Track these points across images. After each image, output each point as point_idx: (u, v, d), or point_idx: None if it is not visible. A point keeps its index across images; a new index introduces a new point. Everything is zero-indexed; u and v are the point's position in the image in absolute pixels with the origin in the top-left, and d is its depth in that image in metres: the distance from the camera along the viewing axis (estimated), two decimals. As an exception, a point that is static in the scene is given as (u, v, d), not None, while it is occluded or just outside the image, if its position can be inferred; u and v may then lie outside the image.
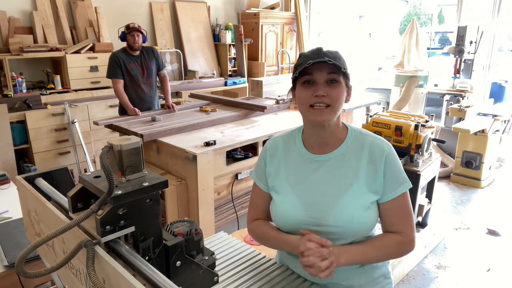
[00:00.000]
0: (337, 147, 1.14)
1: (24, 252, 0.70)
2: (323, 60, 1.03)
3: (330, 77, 1.07)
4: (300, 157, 1.17)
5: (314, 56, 1.06)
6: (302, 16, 6.15)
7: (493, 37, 4.82)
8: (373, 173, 1.10)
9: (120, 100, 3.44)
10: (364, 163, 1.11)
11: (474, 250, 3.00)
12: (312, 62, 1.03)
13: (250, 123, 3.19)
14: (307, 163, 1.16)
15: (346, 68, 1.08)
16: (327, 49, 1.10)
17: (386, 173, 1.09)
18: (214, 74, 5.54)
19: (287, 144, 1.21)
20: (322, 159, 1.14)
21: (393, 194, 1.10)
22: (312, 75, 1.07)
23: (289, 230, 1.16)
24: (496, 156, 4.52)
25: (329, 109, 1.07)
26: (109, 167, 0.71)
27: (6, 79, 3.76)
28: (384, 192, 1.10)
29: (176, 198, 2.50)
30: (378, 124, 2.75)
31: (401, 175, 1.12)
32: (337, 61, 1.05)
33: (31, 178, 1.05)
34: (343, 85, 1.09)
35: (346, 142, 1.14)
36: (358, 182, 1.09)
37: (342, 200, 1.09)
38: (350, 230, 1.08)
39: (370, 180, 1.09)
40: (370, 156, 1.11)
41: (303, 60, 1.08)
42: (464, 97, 4.59)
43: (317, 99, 1.06)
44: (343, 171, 1.12)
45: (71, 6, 4.35)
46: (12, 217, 1.84)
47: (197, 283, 0.86)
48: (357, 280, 1.17)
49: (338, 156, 1.13)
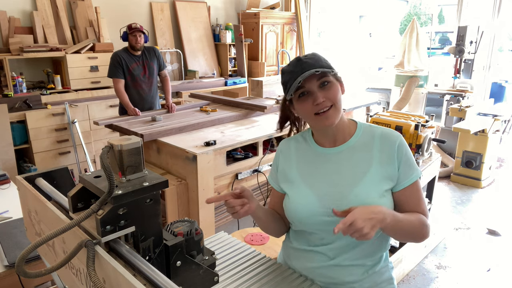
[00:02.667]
0: (347, 140, 1.17)
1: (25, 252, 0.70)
2: (311, 73, 1.06)
3: (321, 81, 1.10)
4: (311, 152, 1.21)
5: (298, 69, 1.09)
6: (302, 16, 6.15)
7: (493, 37, 4.81)
8: (387, 161, 1.11)
9: (120, 100, 3.44)
10: (376, 152, 1.13)
11: (474, 250, 3.00)
12: (301, 80, 1.06)
13: (250, 123, 3.19)
14: (318, 156, 1.19)
15: (331, 66, 1.11)
16: (304, 55, 1.13)
17: (401, 161, 1.11)
18: (214, 74, 5.54)
19: (298, 143, 1.25)
20: (333, 152, 1.17)
21: (409, 181, 1.12)
22: (304, 87, 1.10)
23: (303, 222, 1.17)
24: (496, 156, 4.52)
25: (333, 109, 1.10)
26: (110, 167, 0.71)
27: (6, 79, 3.76)
28: (399, 180, 1.12)
29: (176, 198, 2.50)
30: (378, 124, 2.75)
31: (413, 163, 1.14)
32: (319, 63, 1.09)
33: (31, 178, 1.05)
34: (334, 82, 1.12)
35: (356, 135, 1.17)
36: (371, 171, 1.11)
37: (356, 189, 1.10)
38: None
39: (383, 168, 1.11)
40: (381, 145, 1.13)
41: (289, 76, 1.11)
42: (464, 97, 4.58)
43: (319, 106, 1.09)
44: (354, 161, 1.14)
45: (71, 6, 4.35)
46: (12, 217, 1.84)
47: (197, 283, 0.86)
48: (361, 284, 1.17)
49: (349, 148, 1.16)
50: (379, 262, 1.19)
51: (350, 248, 1.14)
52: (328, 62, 1.12)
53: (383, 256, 1.20)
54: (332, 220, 1.09)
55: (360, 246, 1.14)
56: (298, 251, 1.23)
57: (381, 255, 1.19)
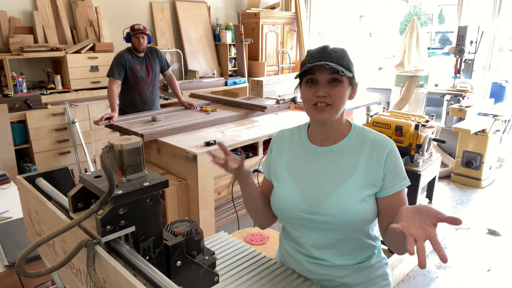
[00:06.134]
0: (339, 142, 1.17)
1: (25, 252, 0.70)
2: (321, 64, 1.05)
3: (332, 76, 1.09)
4: (302, 148, 1.22)
5: (317, 56, 1.09)
6: (302, 16, 6.15)
7: (494, 37, 4.81)
8: (373, 168, 1.11)
9: (109, 99, 3.33)
10: (364, 157, 1.13)
11: (475, 250, 3.00)
12: (310, 65, 1.06)
13: (251, 123, 3.19)
14: (308, 154, 1.20)
15: (350, 68, 1.10)
16: (334, 46, 1.12)
17: (389, 168, 1.11)
18: (214, 74, 5.54)
19: (293, 136, 1.26)
20: (323, 151, 1.18)
21: (393, 190, 1.11)
22: (315, 74, 1.09)
23: (285, 216, 1.19)
24: (497, 156, 4.52)
25: (329, 108, 1.10)
26: (110, 167, 0.71)
27: (6, 79, 3.76)
28: (383, 187, 1.11)
29: (176, 198, 2.50)
30: (379, 124, 2.75)
31: (402, 172, 1.13)
32: (340, 60, 1.08)
33: (32, 178, 1.05)
34: (345, 84, 1.11)
35: (348, 137, 1.17)
36: (356, 175, 1.11)
37: (338, 190, 1.11)
38: (344, 220, 1.10)
39: (369, 174, 1.11)
40: (371, 151, 1.13)
41: (308, 58, 1.11)
42: (465, 97, 4.58)
43: (319, 99, 1.09)
44: (342, 163, 1.14)
45: (71, 6, 4.35)
46: (12, 217, 1.84)
47: (197, 283, 0.86)
48: (353, 278, 1.17)
49: (339, 149, 1.16)
50: (371, 257, 1.20)
51: (333, 246, 1.15)
52: (351, 64, 1.11)
53: (374, 252, 1.21)
54: (313, 218, 1.12)
55: (342, 244, 1.15)
56: (289, 249, 1.25)
57: (371, 251, 1.20)
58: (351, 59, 1.12)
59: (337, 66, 1.05)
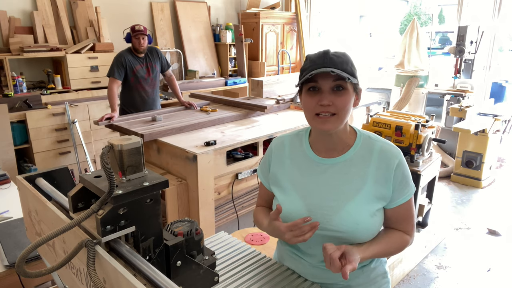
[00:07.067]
0: (345, 152, 1.11)
1: (25, 252, 0.70)
2: (326, 72, 0.98)
3: (336, 83, 1.02)
4: (306, 159, 1.14)
5: (319, 62, 1.01)
6: (302, 16, 6.15)
7: (494, 37, 4.81)
8: (382, 180, 1.07)
9: (109, 99, 3.34)
10: (372, 169, 1.07)
11: (475, 250, 3.00)
12: (314, 73, 0.99)
13: (251, 123, 3.19)
14: (313, 166, 1.13)
15: (354, 73, 1.03)
16: (335, 51, 1.04)
17: (397, 181, 1.07)
18: (214, 74, 5.54)
19: (293, 144, 1.19)
20: (329, 163, 1.11)
21: (402, 200, 1.09)
22: (317, 82, 1.02)
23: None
24: (497, 156, 4.52)
25: (334, 118, 1.03)
26: (110, 167, 0.71)
27: (6, 79, 3.76)
28: (392, 199, 1.08)
29: (176, 198, 2.50)
30: (379, 124, 2.74)
31: (409, 180, 1.10)
32: (344, 66, 1.01)
33: (32, 178, 1.05)
34: (350, 91, 1.04)
35: (354, 147, 1.11)
36: (365, 189, 1.06)
37: (348, 206, 1.06)
38: (354, 236, 1.06)
39: (377, 188, 1.07)
40: (379, 162, 1.07)
41: (308, 64, 1.03)
42: (465, 97, 4.58)
43: (322, 108, 1.02)
44: (350, 176, 1.08)
45: (71, 6, 4.35)
46: (12, 217, 1.84)
47: (197, 283, 0.86)
48: (355, 280, 1.17)
49: (345, 161, 1.10)
50: (372, 260, 1.19)
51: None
52: (354, 69, 1.03)
53: None
54: (320, 233, 1.08)
55: None
56: (290, 253, 1.24)
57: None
58: (354, 63, 1.05)
59: (342, 73, 0.98)
